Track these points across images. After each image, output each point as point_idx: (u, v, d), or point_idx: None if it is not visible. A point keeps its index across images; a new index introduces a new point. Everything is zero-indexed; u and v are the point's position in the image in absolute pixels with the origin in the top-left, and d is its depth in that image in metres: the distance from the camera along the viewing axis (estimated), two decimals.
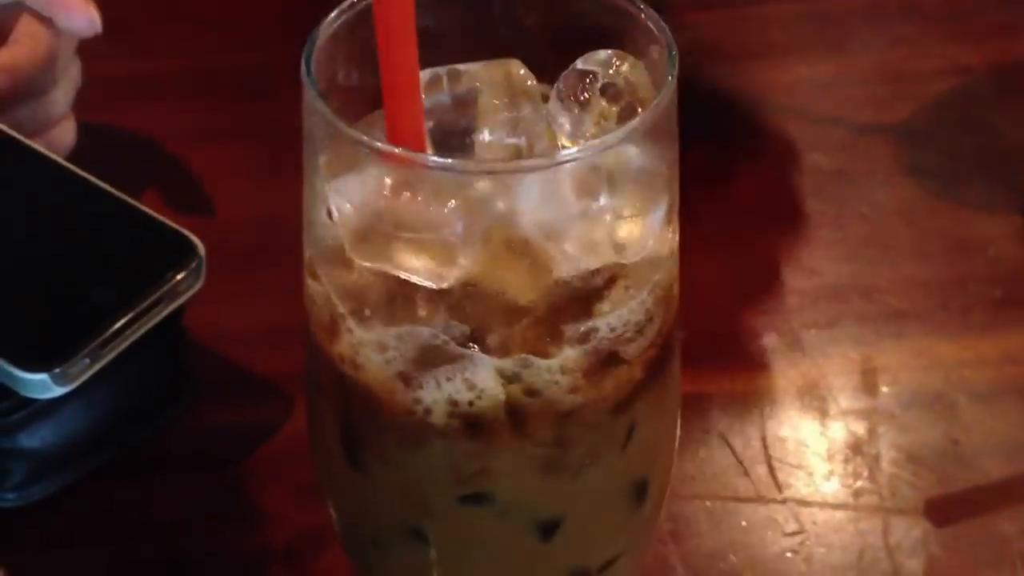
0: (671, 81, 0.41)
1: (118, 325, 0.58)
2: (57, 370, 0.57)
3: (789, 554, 0.60)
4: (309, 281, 0.44)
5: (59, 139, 0.72)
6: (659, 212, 0.42)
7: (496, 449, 0.42)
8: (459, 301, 0.40)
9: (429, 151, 0.42)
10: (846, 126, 0.81)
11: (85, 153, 0.72)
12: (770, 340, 0.70)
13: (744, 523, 0.62)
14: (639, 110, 0.42)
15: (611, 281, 0.41)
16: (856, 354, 0.69)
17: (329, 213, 0.41)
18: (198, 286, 0.61)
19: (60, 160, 0.66)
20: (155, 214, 0.63)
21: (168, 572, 0.60)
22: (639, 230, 0.42)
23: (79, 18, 0.69)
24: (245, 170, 0.77)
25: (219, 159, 0.78)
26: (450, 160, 0.40)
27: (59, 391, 0.57)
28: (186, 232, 0.62)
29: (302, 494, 0.61)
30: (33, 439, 0.60)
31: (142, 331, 0.59)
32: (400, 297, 0.41)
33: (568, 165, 0.40)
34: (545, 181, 0.40)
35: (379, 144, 0.40)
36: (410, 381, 0.41)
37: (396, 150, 0.39)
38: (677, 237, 0.44)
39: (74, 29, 0.70)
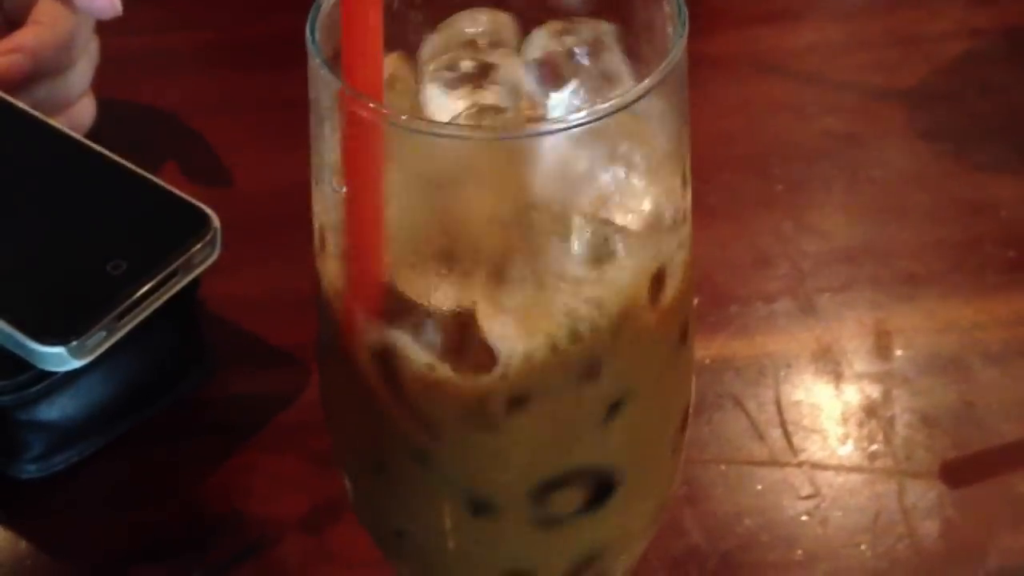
0: (681, 40, 0.39)
1: (134, 297, 0.58)
2: (74, 343, 0.56)
3: (805, 517, 0.59)
4: (318, 250, 0.42)
5: (79, 117, 0.71)
6: (671, 175, 0.41)
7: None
8: (469, 271, 0.39)
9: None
10: (857, 90, 0.80)
11: (102, 127, 0.71)
12: (784, 304, 0.68)
13: (759, 487, 0.60)
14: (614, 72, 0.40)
15: (623, 247, 0.40)
16: (870, 317, 0.67)
17: (336, 181, 0.40)
18: (213, 258, 0.60)
19: (76, 136, 0.65)
20: (170, 187, 0.62)
21: (187, 540, 0.59)
22: (652, 193, 0.40)
23: (100, 0, 0.68)
24: (260, 142, 0.76)
25: (233, 131, 0.77)
26: (457, 126, 0.39)
27: (76, 363, 0.57)
28: (201, 204, 0.61)
29: (319, 462, 0.60)
30: (52, 411, 0.60)
31: (158, 303, 0.58)
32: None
33: (579, 128, 0.38)
34: (557, 145, 0.38)
35: (385, 109, 0.38)
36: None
37: (402, 117, 0.38)
38: (689, 198, 0.42)
39: (95, 10, 0.69)
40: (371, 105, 0.37)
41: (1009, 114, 0.78)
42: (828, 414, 0.63)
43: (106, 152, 0.64)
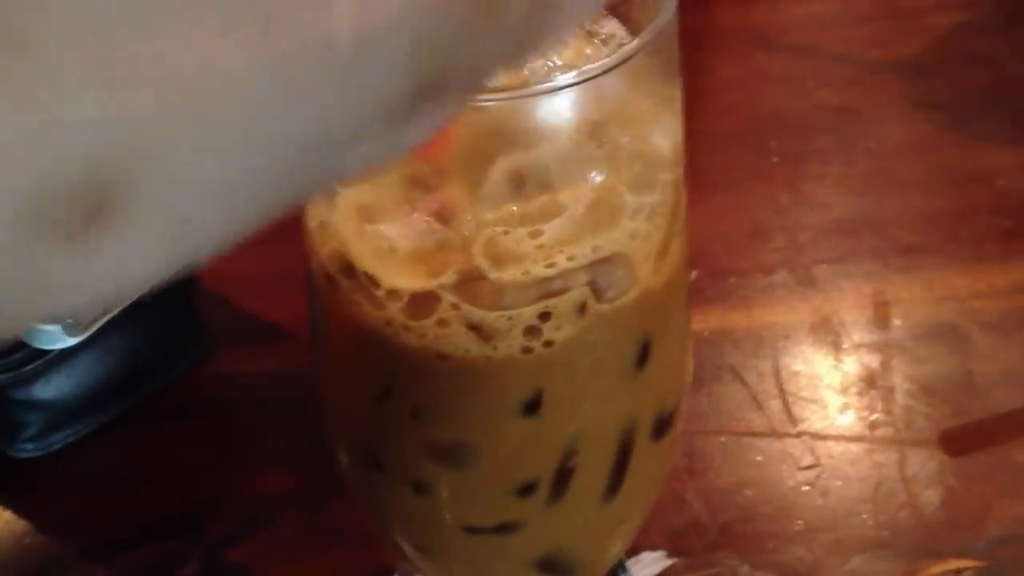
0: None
1: None
2: (68, 320, 0.54)
3: (805, 487, 0.57)
4: (306, 218, 0.40)
5: None
6: (664, 139, 0.39)
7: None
8: (465, 241, 0.36)
9: None
10: (852, 63, 0.77)
11: None
12: (782, 276, 0.66)
13: (759, 458, 0.58)
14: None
15: (618, 211, 0.38)
16: (868, 288, 0.65)
17: None
18: None
19: None
20: None
21: (185, 518, 0.57)
22: (646, 157, 0.38)
23: None
24: None
25: None
26: None
27: (71, 341, 0.55)
28: None
29: (316, 439, 0.57)
30: (48, 390, 0.58)
31: None
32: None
33: (570, 90, 0.36)
34: (548, 106, 0.36)
35: None
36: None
37: None
38: (682, 167, 0.40)
39: None
40: None
41: (1004, 85, 0.76)
42: (827, 384, 0.61)
43: None
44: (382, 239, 0.37)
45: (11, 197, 0.18)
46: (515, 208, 0.36)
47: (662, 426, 0.42)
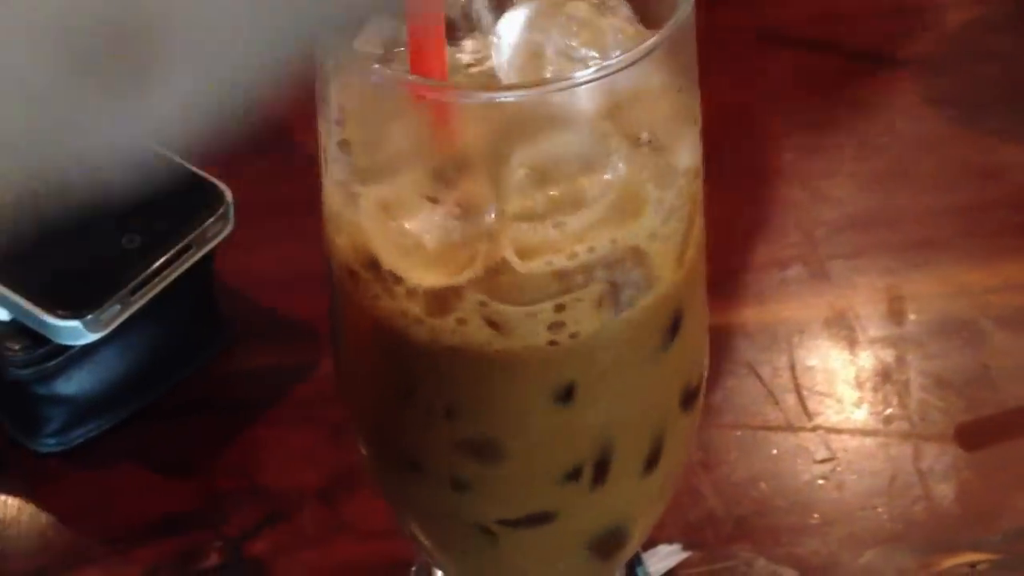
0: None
1: (148, 271, 0.57)
2: (89, 317, 0.55)
3: (821, 481, 0.57)
4: (328, 216, 0.40)
5: None
6: (683, 133, 0.39)
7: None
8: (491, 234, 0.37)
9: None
10: (866, 58, 0.77)
11: None
12: (797, 271, 0.66)
13: (775, 451, 0.58)
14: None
15: (642, 203, 0.38)
16: (882, 283, 0.65)
17: (341, 145, 0.38)
18: (227, 232, 0.59)
19: None
20: (184, 162, 0.60)
21: (204, 513, 0.57)
22: (666, 150, 0.38)
23: None
24: (274, 121, 0.74)
25: None
26: (460, 87, 0.37)
27: (92, 337, 0.56)
28: (213, 179, 0.60)
29: (335, 434, 0.58)
30: (70, 385, 0.58)
31: (172, 277, 0.57)
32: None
33: (589, 86, 0.36)
34: (569, 100, 0.36)
35: (394, 73, 0.36)
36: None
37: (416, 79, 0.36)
38: (701, 159, 0.40)
39: None
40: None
41: (1018, 80, 0.76)
42: (842, 379, 0.61)
43: None
44: (406, 235, 0.37)
45: (59, 34, 0.19)
46: (538, 200, 0.36)
47: (691, 396, 0.42)
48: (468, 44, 0.39)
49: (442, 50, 0.36)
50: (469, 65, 0.38)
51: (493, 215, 0.36)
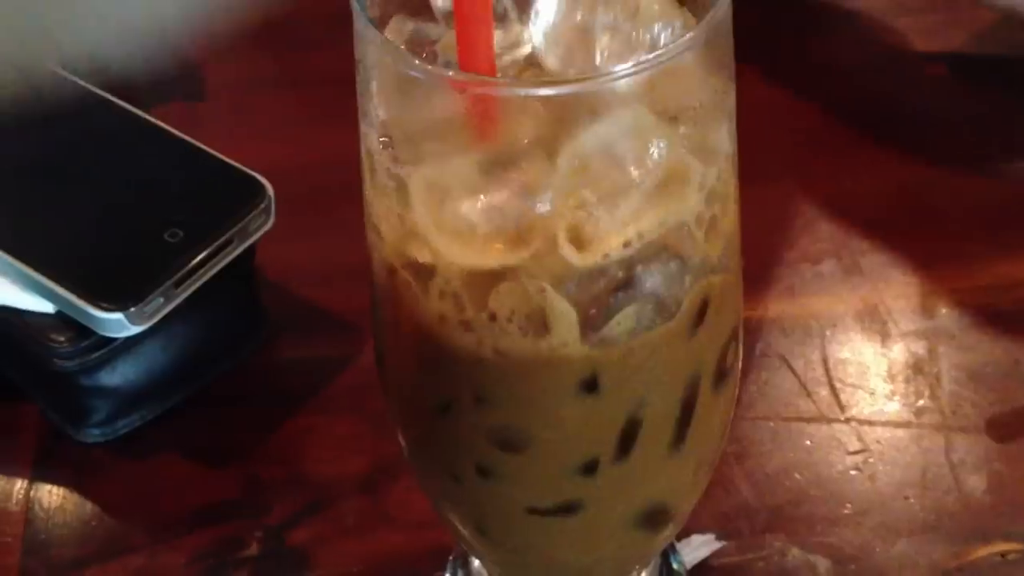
0: None
1: (191, 264, 0.57)
2: (132, 309, 0.56)
3: (853, 472, 0.58)
4: (369, 211, 0.41)
5: None
6: (721, 119, 0.39)
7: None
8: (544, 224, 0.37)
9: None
10: (899, 55, 0.78)
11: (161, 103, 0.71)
12: (829, 265, 0.66)
13: (808, 443, 0.59)
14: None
15: (685, 187, 0.38)
16: (915, 276, 0.66)
17: (383, 141, 0.38)
18: (268, 226, 0.60)
19: (137, 111, 0.65)
20: (224, 158, 0.61)
21: (246, 502, 0.58)
22: (707, 134, 0.39)
23: None
24: (313, 116, 0.74)
25: (287, 106, 0.76)
26: (503, 81, 0.38)
27: (135, 330, 0.56)
28: (254, 173, 0.61)
29: (376, 424, 0.59)
30: (115, 376, 0.59)
31: (215, 270, 0.58)
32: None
33: (626, 80, 0.36)
34: (614, 91, 0.36)
35: (439, 69, 0.37)
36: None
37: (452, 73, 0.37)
38: (736, 151, 0.41)
39: None
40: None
41: None
42: (875, 371, 0.61)
43: (165, 126, 0.64)
44: (453, 226, 0.38)
45: None
46: (585, 190, 0.37)
47: (721, 376, 0.43)
48: (497, 36, 0.39)
49: (491, 45, 0.37)
50: (498, 55, 0.39)
51: (548, 204, 0.37)
